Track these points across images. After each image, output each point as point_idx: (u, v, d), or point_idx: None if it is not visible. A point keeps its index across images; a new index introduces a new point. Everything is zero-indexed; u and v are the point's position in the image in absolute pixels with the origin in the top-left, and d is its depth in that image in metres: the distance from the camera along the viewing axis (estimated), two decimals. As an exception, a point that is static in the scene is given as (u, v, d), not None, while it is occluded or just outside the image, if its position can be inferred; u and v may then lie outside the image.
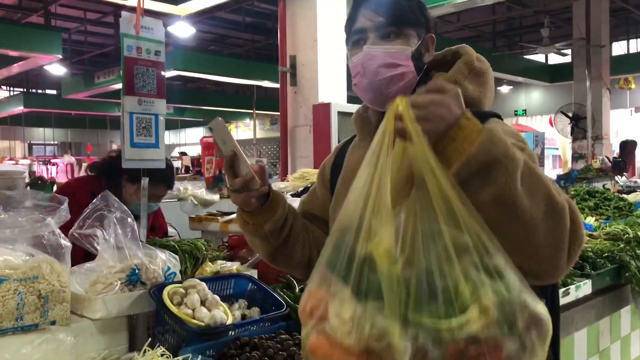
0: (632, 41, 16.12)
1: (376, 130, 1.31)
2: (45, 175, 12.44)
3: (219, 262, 2.08)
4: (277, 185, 5.27)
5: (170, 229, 3.98)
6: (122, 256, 1.82)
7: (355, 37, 1.32)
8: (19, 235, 1.60)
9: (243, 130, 24.08)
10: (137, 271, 1.78)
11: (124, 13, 1.52)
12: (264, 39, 15.30)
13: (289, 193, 4.47)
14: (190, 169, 14.53)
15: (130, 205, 2.53)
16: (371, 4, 1.31)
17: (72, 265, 1.81)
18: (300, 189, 4.48)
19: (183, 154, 18.44)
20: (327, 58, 6.18)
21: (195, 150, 24.00)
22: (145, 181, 1.85)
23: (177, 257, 1.94)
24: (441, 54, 1.41)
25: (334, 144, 5.98)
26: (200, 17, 11.93)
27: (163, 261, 1.87)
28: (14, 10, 13.06)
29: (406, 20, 1.30)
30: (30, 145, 26.12)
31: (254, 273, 2.09)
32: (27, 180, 4.14)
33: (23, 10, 12.92)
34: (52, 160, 17.51)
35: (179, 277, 1.90)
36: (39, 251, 1.67)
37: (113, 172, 2.66)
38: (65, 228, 1.81)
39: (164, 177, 2.66)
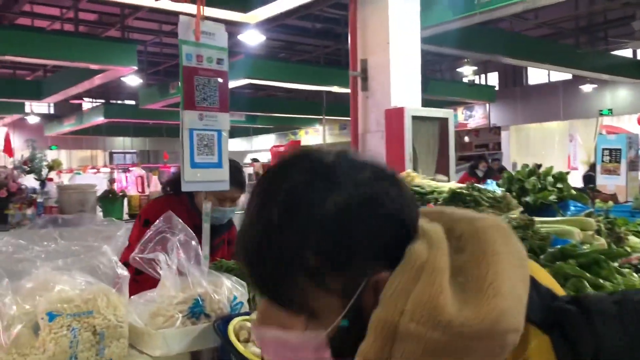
0: None
1: None
2: (124, 182, 12.83)
3: (290, 289, 1.88)
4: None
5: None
6: (184, 284, 1.66)
7: None
8: (72, 264, 1.47)
9: (312, 135, 24.09)
10: (200, 302, 1.61)
11: (182, 17, 1.35)
12: (333, 44, 15.17)
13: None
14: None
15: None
16: (240, 252, 0.75)
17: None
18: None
19: (255, 160, 18.61)
20: (399, 61, 5.92)
21: (265, 157, 24.25)
22: (206, 204, 1.68)
23: (244, 284, 1.76)
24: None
25: (408, 150, 5.71)
26: (270, 24, 11.94)
27: (229, 289, 1.70)
28: (95, 25, 13.59)
29: (299, 300, 0.72)
30: (111, 154, 27.26)
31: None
32: (98, 193, 4.15)
33: (102, 25, 13.42)
34: (131, 168, 18.15)
35: (246, 307, 1.72)
36: (95, 280, 1.54)
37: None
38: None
39: (232, 179, 2.49)
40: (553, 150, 15.26)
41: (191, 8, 1.67)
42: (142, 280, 1.73)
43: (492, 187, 4.42)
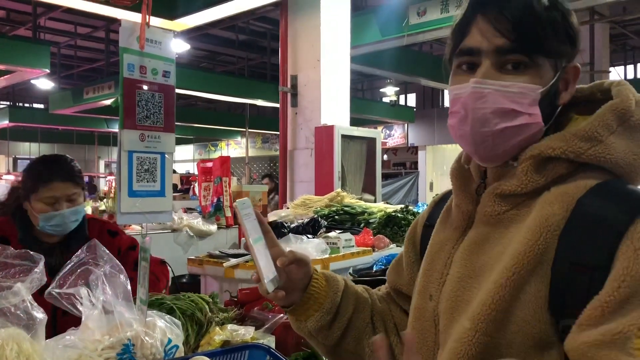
0: None
1: (478, 190, 0.98)
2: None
3: (229, 326, 1.71)
4: (277, 213, 4.91)
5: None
6: (111, 325, 1.45)
7: (462, 58, 0.93)
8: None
9: (234, 148, 23.72)
10: (130, 347, 1.41)
11: (124, 22, 1.17)
12: (258, 57, 15.03)
13: (292, 224, 4.12)
14: (179, 186, 14.14)
15: (39, 224, 2.03)
16: (493, 13, 0.89)
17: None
18: (306, 219, 4.12)
19: (173, 171, 17.98)
20: (330, 78, 5.88)
21: (184, 168, 23.58)
22: (144, 237, 1.48)
23: (179, 323, 1.57)
24: (588, 89, 0.99)
25: (337, 168, 5.66)
26: (193, 33, 11.62)
27: (162, 331, 1.50)
28: (1, 23, 12.69)
29: (544, 44, 0.89)
30: (15, 160, 25.52)
31: (271, 341, 1.73)
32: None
33: (11, 23, 12.55)
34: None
35: (182, 351, 1.53)
36: (6, 322, 1.30)
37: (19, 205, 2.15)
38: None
39: (61, 172, 2.00)
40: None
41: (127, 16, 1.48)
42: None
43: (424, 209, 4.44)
